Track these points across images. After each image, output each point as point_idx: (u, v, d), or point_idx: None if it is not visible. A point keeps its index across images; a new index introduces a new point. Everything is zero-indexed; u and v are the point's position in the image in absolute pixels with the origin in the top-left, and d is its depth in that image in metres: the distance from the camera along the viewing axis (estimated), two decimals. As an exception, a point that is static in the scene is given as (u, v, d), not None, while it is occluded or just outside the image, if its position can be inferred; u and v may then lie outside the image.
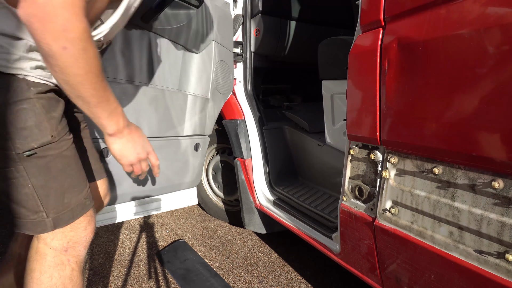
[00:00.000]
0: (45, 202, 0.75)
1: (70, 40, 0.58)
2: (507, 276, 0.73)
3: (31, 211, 0.74)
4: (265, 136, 1.92)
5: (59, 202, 0.76)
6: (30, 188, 0.73)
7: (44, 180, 0.74)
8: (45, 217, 0.75)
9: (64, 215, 0.78)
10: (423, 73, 0.83)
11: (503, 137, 0.69)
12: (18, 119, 0.69)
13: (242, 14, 1.96)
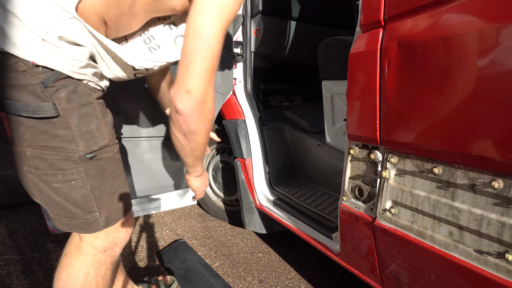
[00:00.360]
0: (99, 203, 0.79)
1: (210, 120, 0.75)
2: (507, 276, 0.73)
3: (86, 211, 0.78)
4: (265, 136, 1.92)
5: (110, 202, 0.82)
6: (87, 189, 0.77)
7: (99, 181, 0.79)
8: (98, 216, 0.80)
9: (113, 215, 0.83)
10: (423, 73, 0.83)
11: (503, 137, 0.69)
12: (83, 122, 0.74)
13: (242, 14, 1.95)
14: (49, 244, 1.88)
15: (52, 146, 0.73)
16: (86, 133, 0.76)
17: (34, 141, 0.72)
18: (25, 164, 0.76)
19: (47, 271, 1.64)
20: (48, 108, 0.71)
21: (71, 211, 0.78)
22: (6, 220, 2.14)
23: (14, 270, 1.63)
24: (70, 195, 0.76)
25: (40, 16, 0.66)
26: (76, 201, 0.77)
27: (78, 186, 0.76)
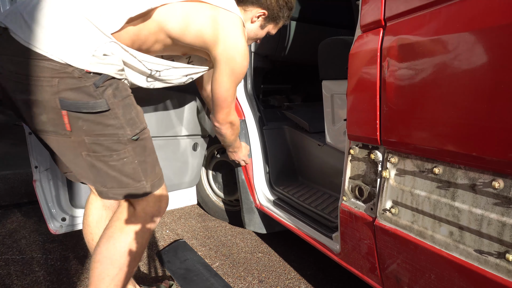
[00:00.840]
0: (145, 173, 0.99)
1: (237, 129, 1.43)
2: (508, 276, 0.73)
3: (136, 181, 0.98)
4: (265, 136, 1.92)
5: (153, 172, 1.02)
6: (136, 163, 0.97)
7: (143, 156, 0.99)
8: (145, 184, 1.00)
9: (155, 182, 1.03)
10: (423, 73, 0.83)
11: (503, 137, 0.69)
12: (127, 112, 0.94)
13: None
14: (49, 244, 1.88)
15: (106, 133, 0.92)
16: (130, 120, 0.95)
17: (91, 131, 0.90)
18: (84, 150, 0.93)
19: (47, 271, 1.64)
20: (102, 104, 0.89)
21: (124, 182, 0.97)
22: (6, 220, 2.14)
23: (14, 270, 1.63)
24: (123, 169, 0.96)
25: (90, 39, 0.88)
26: (128, 174, 0.97)
27: (129, 162, 0.96)
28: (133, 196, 1.00)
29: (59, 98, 0.86)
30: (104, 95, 0.90)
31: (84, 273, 1.64)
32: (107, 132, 0.92)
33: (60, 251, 1.81)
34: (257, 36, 1.32)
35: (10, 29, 0.85)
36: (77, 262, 1.72)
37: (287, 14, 1.28)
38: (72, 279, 1.59)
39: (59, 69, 0.84)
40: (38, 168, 1.53)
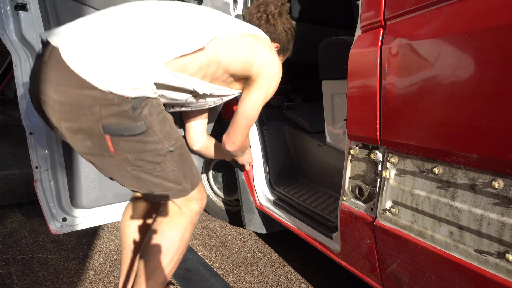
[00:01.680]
0: (184, 176, 1.09)
1: (245, 149, 1.47)
2: (507, 276, 0.73)
3: (178, 184, 1.08)
4: (265, 136, 1.92)
5: (190, 173, 1.12)
6: (176, 170, 1.06)
7: (181, 162, 1.08)
8: (186, 186, 1.10)
9: (194, 182, 1.13)
10: (423, 73, 0.84)
11: (503, 137, 0.69)
12: (162, 127, 1.01)
13: (242, 14, 1.95)
14: (49, 244, 1.88)
15: (147, 150, 0.99)
16: (166, 133, 1.02)
17: (133, 149, 0.98)
18: (128, 165, 1.01)
19: (47, 271, 1.64)
20: (142, 126, 0.96)
21: (167, 186, 1.07)
22: (6, 220, 2.14)
23: (14, 270, 1.63)
24: (166, 177, 1.05)
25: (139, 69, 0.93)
26: (170, 179, 1.06)
27: (170, 170, 1.05)
28: (177, 197, 1.10)
29: (101, 125, 0.92)
30: (142, 116, 0.95)
31: (84, 273, 1.65)
32: (148, 148, 1.00)
33: (60, 251, 1.82)
34: None
35: (61, 50, 0.88)
36: (77, 262, 1.72)
37: (292, 45, 1.43)
38: (72, 279, 1.59)
39: (100, 97, 0.89)
40: (38, 168, 1.53)
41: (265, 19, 1.30)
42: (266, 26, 1.31)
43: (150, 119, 0.97)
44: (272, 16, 1.29)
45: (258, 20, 1.30)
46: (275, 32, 1.32)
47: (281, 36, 1.34)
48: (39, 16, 1.37)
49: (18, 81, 1.47)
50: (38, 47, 1.40)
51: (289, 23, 1.35)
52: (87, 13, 1.37)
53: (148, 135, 0.98)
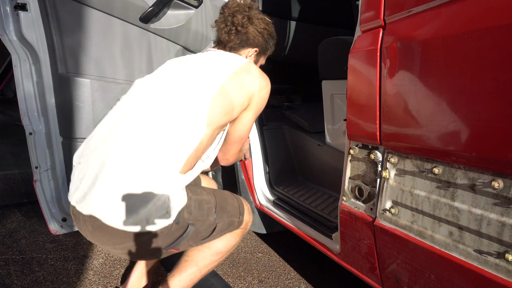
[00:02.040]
0: (236, 215, 1.27)
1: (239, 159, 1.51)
2: (507, 276, 0.73)
3: (234, 226, 1.28)
4: (265, 136, 1.92)
5: (236, 210, 1.29)
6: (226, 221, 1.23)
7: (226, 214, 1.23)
8: (240, 218, 1.29)
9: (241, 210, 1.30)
10: (423, 73, 0.84)
11: (503, 137, 0.69)
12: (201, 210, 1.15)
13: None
14: (49, 244, 1.88)
15: (201, 231, 1.16)
16: (207, 210, 1.17)
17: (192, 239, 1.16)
18: (192, 245, 1.19)
19: (47, 271, 1.64)
20: (190, 227, 1.10)
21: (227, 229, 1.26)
22: (6, 220, 2.14)
23: (14, 270, 1.63)
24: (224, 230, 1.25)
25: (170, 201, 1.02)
26: (228, 227, 1.25)
27: (225, 226, 1.24)
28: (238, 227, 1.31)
29: (163, 248, 1.09)
30: (186, 220, 1.09)
31: (84, 273, 1.65)
32: (201, 230, 1.16)
33: (60, 251, 1.82)
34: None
35: (100, 217, 0.96)
36: (77, 262, 1.72)
37: (273, 43, 1.39)
38: (72, 279, 1.59)
39: (153, 236, 1.03)
40: (38, 168, 1.53)
41: (235, 31, 1.26)
42: (238, 37, 1.27)
43: (189, 216, 1.10)
44: (241, 26, 1.26)
45: (227, 34, 1.27)
46: (249, 39, 1.29)
47: (256, 39, 1.30)
48: (39, 16, 1.37)
49: (18, 81, 1.47)
50: (37, 47, 1.40)
51: (263, 23, 1.30)
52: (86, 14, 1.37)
53: (197, 225, 1.13)
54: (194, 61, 1.21)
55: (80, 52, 1.40)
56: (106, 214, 0.95)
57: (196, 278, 1.27)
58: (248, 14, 1.27)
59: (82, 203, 0.98)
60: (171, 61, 1.27)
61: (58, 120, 1.47)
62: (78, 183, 1.02)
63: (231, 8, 1.27)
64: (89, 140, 1.10)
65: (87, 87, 1.41)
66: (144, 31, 1.53)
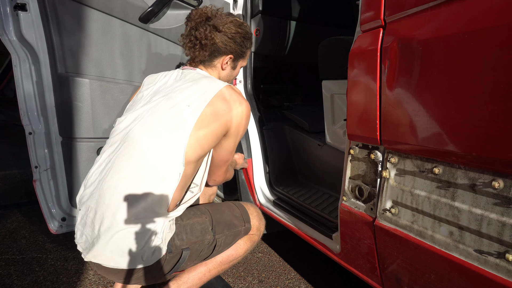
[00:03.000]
0: (237, 228, 1.31)
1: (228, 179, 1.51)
2: (507, 276, 0.73)
3: (238, 235, 1.32)
4: (265, 136, 1.92)
5: (239, 220, 1.32)
6: (228, 233, 1.27)
7: (225, 226, 1.27)
8: (244, 227, 1.33)
9: (244, 216, 1.34)
10: (423, 73, 0.83)
11: (503, 136, 0.69)
12: (194, 232, 1.19)
13: (242, 14, 1.95)
14: (49, 244, 1.88)
15: (202, 250, 1.21)
16: (202, 230, 1.20)
17: (193, 260, 1.21)
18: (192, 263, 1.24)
19: (47, 271, 1.64)
20: (185, 252, 1.15)
21: (232, 242, 1.31)
22: (6, 220, 2.14)
23: (14, 270, 1.63)
24: (229, 243, 1.30)
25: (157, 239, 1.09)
26: (233, 240, 1.31)
27: (228, 241, 1.29)
28: (246, 233, 1.35)
29: (165, 274, 1.15)
30: (179, 247, 1.14)
31: (84, 273, 1.64)
32: (201, 249, 1.20)
33: (60, 251, 1.81)
34: (233, 76, 1.38)
35: (102, 264, 1.07)
36: (77, 262, 1.72)
37: (249, 44, 1.31)
38: (72, 279, 1.59)
39: (152, 266, 1.09)
40: (38, 168, 1.53)
41: (199, 46, 1.19)
42: (205, 50, 1.21)
43: (184, 242, 1.15)
44: (206, 39, 1.18)
45: (193, 50, 1.21)
46: (219, 49, 1.21)
47: (229, 46, 1.22)
48: (39, 16, 1.37)
49: (18, 81, 1.47)
50: (37, 47, 1.40)
51: (233, 27, 1.21)
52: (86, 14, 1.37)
53: (193, 248, 1.17)
54: (169, 93, 1.15)
55: (79, 52, 1.40)
56: (108, 261, 1.06)
57: (205, 277, 1.29)
58: (212, 23, 1.18)
59: (88, 255, 1.08)
60: (147, 92, 1.22)
61: (57, 120, 1.47)
62: (82, 229, 1.11)
63: (193, 20, 1.20)
64: (85, 183, 1.15)
65: (86, 87, 1.40)
66: (143, 31, 1.53)
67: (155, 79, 1.27)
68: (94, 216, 1.06)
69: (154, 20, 1.53)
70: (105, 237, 1.03)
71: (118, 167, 1.07)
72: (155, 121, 1.10)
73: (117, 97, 1.50)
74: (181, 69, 1.27)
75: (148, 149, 1.07)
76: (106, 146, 1.17)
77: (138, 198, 1.05)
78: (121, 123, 1.16)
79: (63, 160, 1.53)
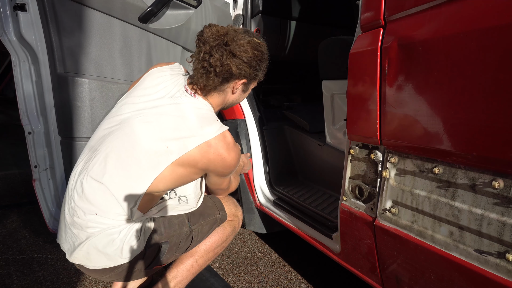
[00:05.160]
0: (210, 216, 1.33)
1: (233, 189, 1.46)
2: (508, 276, 0.73)
3: (215, 223, 1.35)
4: (265, 136, 1.92)
5: (213, 209, 1.35)
6: (204, 223, 1.31)
7: (200, 216, 1.30)
8: (218, 215, 1.35)
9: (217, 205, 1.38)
10: (423, 73, 0.83)
11: (503, 136, 0.69)
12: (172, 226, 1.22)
13: (242, 14, 1.95)
14: (49, 244, 1.88)
15: (180, 242, 1.23)
16: (179, 223, 1.23)
17: (172, 252, 1.22)
18: (173, 256, 1.25)
19: (47, 271, 1.64)
20: (164, 245, 1.18)
21: (207, 232, 1.33)
22: (6, 220, 2.14)
23: (14, 270, 1.63)
24: (205, 232, 1.32)
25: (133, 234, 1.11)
26: (205, 231, 1.31)
27: (205, 229, 1.31)
28: (221, 223, 1.38)
29: (146, 269, 1.18)
30: (157, 242, 1.15)
31: (84, 273, 1.64)
32: (179, 241, 1.22)
33: (60, 251, 1.81)
34: (242, 99, 1.30)
35: (84, 265, 1.11)
36: (77, 262, 1.72)
37: (264, 66, 1.20)
38: (72, 279, 1.59)
39: (131, 262, 1.12)
40: (37, 168, 1.53)
41: (213, 73, 1.07)
42: (218, 76, 1.09)
43: (163, 236, 1.17)
44: (221, 66, 1.06)
45: (206, 79, 1.09)
46: (233, 75, 1.10)
47: (243, 71, 1.09)
48: (38, 17, 1.37)
49: (17, 81, 1.47)
50: (36, 48, 1.40)
51: (250, 49, 1.08)
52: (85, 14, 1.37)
53: (172, 241, 1.18)
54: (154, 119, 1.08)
55: (79, 52, 1.39)
56: (88, 263, 1.10)
57: (193, 268, 1.30)
58: (229, 49, 1.06)
59: (71, 257, 1.12)
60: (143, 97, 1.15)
61: (57, 120, 1.47)
62: (63, 233, 1.13)
63: (207, 42, 1.07)
64: (68, 187, 1.15)
65: (85, 87, 1.40)
66: (143, 31, 1.53)
67: (158, 84, 1.17)
68: (73, 214, 1.07)
69: (154, 20, 1.52)
70: (86, 246, 1.06)
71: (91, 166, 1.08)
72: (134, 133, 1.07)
73: (116, 97, 1.50)
74: (184, 88, 1.16)
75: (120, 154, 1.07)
76: (85, 147, 1.17)
77: (112, 192, 1.05)
78: (103, 123, 1.17)
79: (63, 160, 1.53)
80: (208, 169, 1.13)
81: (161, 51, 1.64)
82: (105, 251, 1.06)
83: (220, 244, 1.36)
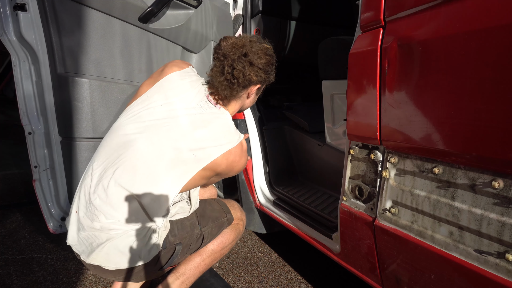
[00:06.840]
0: (220, 219, 1.39)
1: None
2: (507, 276, 0.73)
3: (224, 225, 1.40)
4: (265, 136, 1.92)
5: (220, 212, 1.41)
6: (213, 225, 1.36)
7: (209, 219, 1.35)
8: (226, 217, 1.41)
9: (224, 208, 1.44)
10: (423, 73, 0.83)
11: (503, 136, 0.69)
12: (184, 228, 1.26)
13: (242, 14, 1.95)
14: (49, 244, 1.88)
15: (190, 244, 1.27)
16: (191, 226, 1.27)
17: (183, 253, 1.27)
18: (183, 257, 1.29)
19: (47, 271, 1.64)
20: (178, 247, 1.21)
21: (219, 231, 1.39)
22: (6, 220, 2.14)
23: (14, 270, 1.63)
24: (214, 234, 1.37)
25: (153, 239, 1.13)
26: (219, 231, 1.38)
27: (214, 231, 1.36)
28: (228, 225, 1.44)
29: (159, 269, 1.20)
30: (172, 243, 1.19)
31: (84, 273, 1.64)
32: (190, 242, 1.26)
33: (60, 251, 1.81)
34: (255, 101, 1.33)
35: (103, 265, 1.09)
36: (76, 262, 1.72)
37: (274, 68, 1.27)
38: (71, 279, 1.59)
39: (147, 263, 1.13)
40: (37, 168, 1.53)
41: (237, 84, 1.12)
42: (241, 86, 1.14)
43: (177, 237, 1.21)
44: (244, 76, 1.11)
45: (230, 90, 1.13)
46: (251, 82, 1.15)
47: (259, 77, 1.15)
48: (38, 17, 1.37)
49: (17, 81, 1.47)
50: (36, 48, 1.40)
51: (263, 55, 1.15)
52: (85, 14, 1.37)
53: (184, 242, 1.23)
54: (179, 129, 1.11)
55: (79, 52, 1.39)
56: (107, 263, 1.08)
57: (200, 266, 1.35)
58: (249, 60, 1.11)
59: (88, 258, 1.09)
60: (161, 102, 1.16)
61: (57, 120, 1.47)
62: (76, 235, 1.11)
63: (228, 56, 1.11)
64: (79, 189, 1.14)
65: (85, 87, 1.40)
66: (143, 31, 1.53)
67: (180, 93, 1.17)
68: (92, 218, 1.07)
69: (154, 20, 1.52)
70: (107, 247, 1.06)
71: (118, 173, 1.07)
72: (161, 142, 1.10)
73: (117, 97, 1.50)
74: (206, 97, 1.19)
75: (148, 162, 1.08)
76: (101, 148, 1.15)
77: (140, 198, 1.07)
78: (125, 126, 1.13)
79: (63, 160, 1.53)
80: (223, 173, 1.17)
81: (161, 51, 1.64)
82: (126, 252, 1.08)
83: (226, 245, 1.41)
